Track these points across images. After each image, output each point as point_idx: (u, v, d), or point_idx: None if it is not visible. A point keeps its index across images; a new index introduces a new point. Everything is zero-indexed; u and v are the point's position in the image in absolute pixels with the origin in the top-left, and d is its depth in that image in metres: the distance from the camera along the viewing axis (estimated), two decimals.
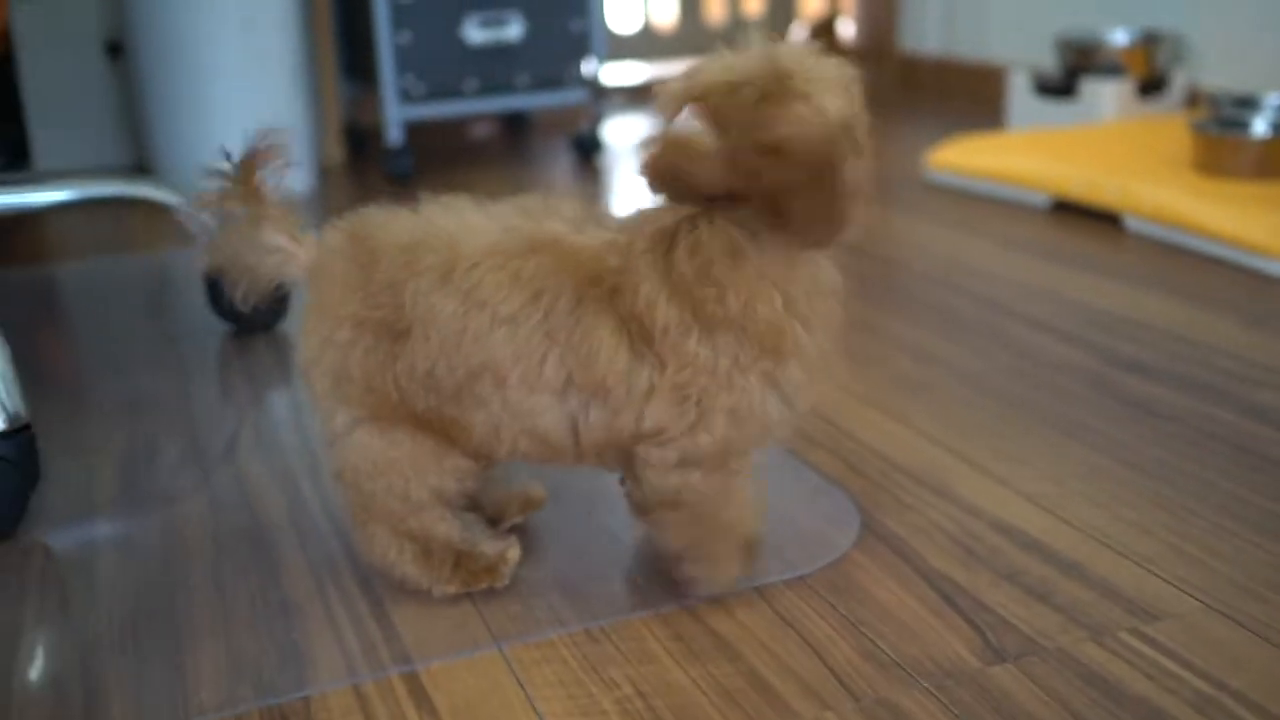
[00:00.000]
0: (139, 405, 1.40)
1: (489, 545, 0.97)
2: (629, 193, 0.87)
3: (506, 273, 0.85)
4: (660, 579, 0.98)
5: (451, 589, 0.95)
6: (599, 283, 0.84)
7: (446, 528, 0.95)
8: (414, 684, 0.86)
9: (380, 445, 0.91)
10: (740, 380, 0.84)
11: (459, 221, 0.89)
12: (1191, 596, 0.93)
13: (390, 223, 0.91)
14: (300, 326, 0.95)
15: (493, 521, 1.05)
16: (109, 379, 1.49)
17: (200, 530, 1.10)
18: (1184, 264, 1.78)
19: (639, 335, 0.84)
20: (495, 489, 1.06)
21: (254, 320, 1.62)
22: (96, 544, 1.08)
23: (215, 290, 1.63)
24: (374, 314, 0.88)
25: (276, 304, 1.63)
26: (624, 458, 0.90)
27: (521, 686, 0.85)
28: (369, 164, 2.71)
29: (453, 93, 2.55)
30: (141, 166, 2.57)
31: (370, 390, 0.90)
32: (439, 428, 0.90)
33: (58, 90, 2.64)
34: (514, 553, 0.97)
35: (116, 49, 2.64)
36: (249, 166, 0.93)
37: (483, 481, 0.99)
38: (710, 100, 0.80)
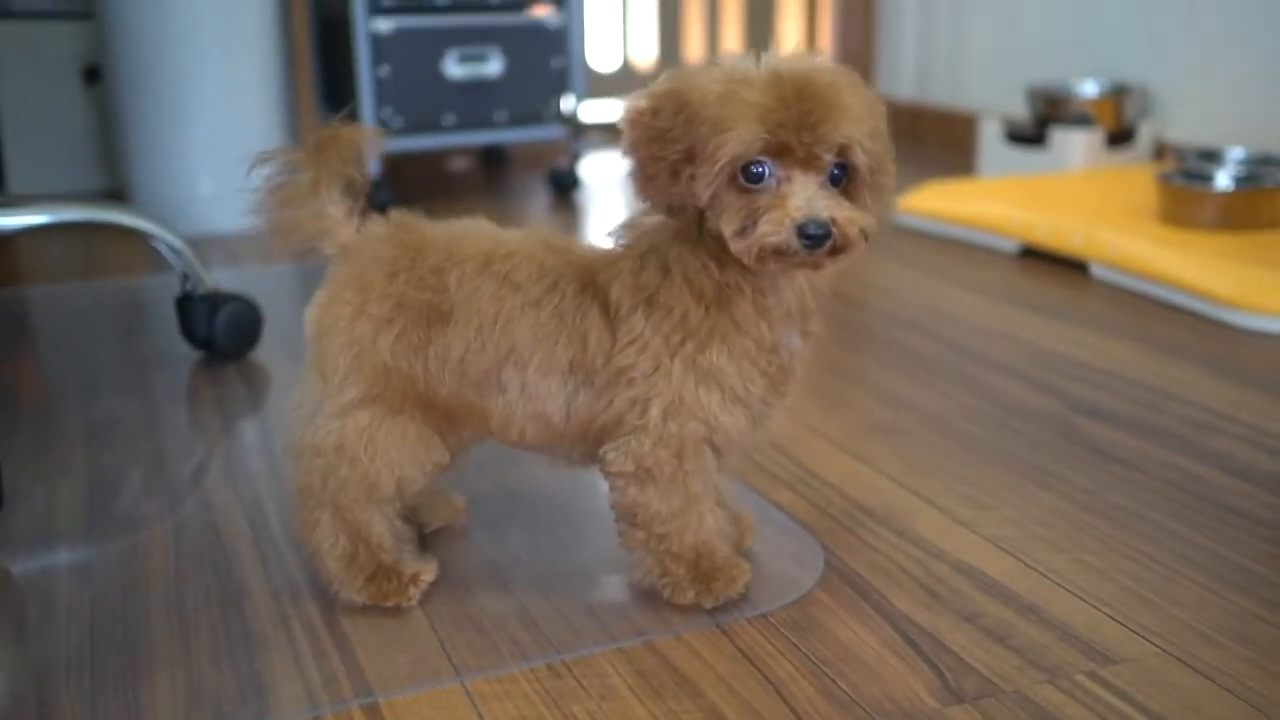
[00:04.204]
0: (106, 431, 1.39)
1: (408, 565, 1.01)
2: (605, 230, 0.89)
3: (535, 262, 0.95)
4: (623, 613, 0.98)
5: (359, 599, 0.99)
6: (595, 279, 0.95)
7: (381, 531, 0.99)
8: (375, 717, 0.86)
9: (383, 427, 0.96)
10: (668, 365, 0.91)
11: (486, 226, 1.00)
12: (1148, 641, 0.94)
13: (429, 222, 1.00)
14: (324, 298, 0.98)
15: (419, 526, 1.11)
16: (77, 404, 1.48)
17: (163, 558, 1.09)
18: (1147, 312, 1.81)
19: (615, 321, 0.93)
20: (423, 496, 1.08)
21: (225, 348, 1.62)
22: (57, 570, 1.08)
23: (187, 317, 1.63)
24: (420, 295, 0.94)
25: (248, 332, 1.63)
26: (596, 448, 0.97)
27: None
28: None
29: (431, 126, 2.56)
30: (116, 192, 2.57)
31: (393, 371, 0.95)
32: (452, 415, 0.97)
33: (34, 114, 2.64)
34: (428, 575, 1.01)
35: (94, 74, 2.64)
36: (327, 138, 0.96)
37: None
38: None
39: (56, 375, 1.60)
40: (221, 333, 1.61)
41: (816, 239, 0.85)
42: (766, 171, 0.86)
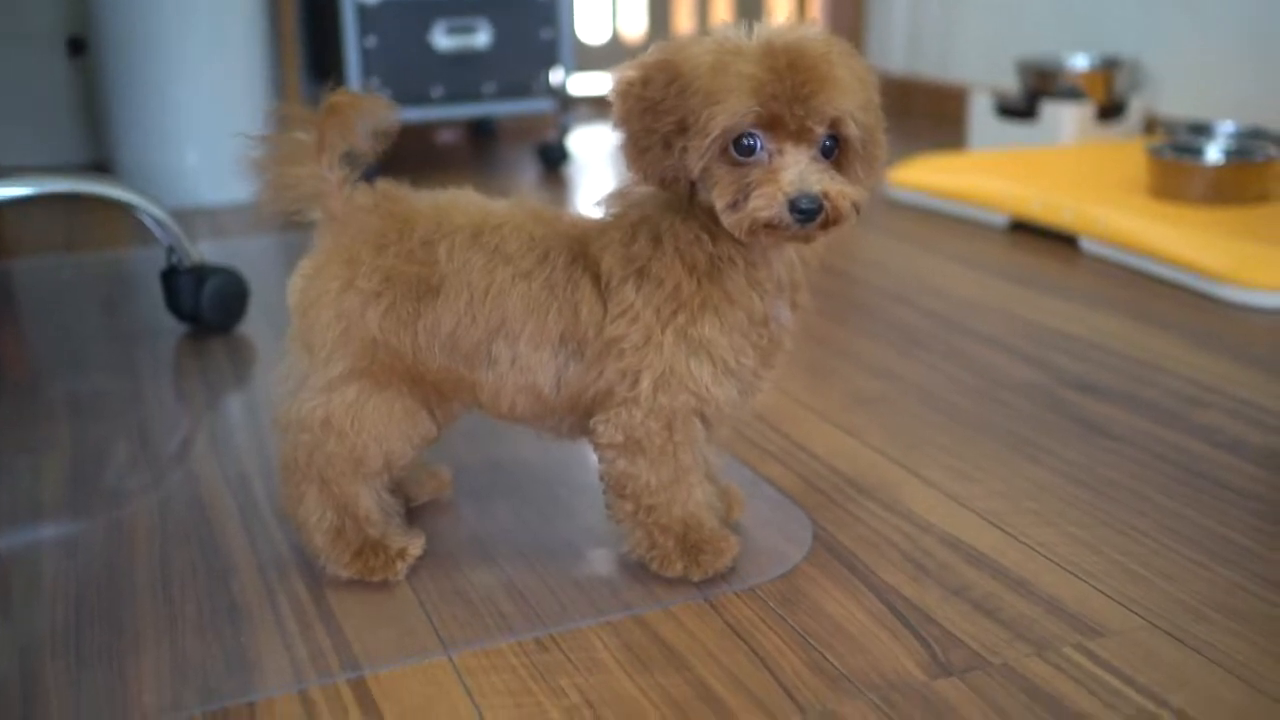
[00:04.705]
0: (91, 405, 1.38)
1: (394, 539, 1.00)
2: (594, 202, 0.89)
3: (524, 233, 0.95)
4: (610, 587, 0.98)
5: (345, 574, 0.99)
6: (586, 250, 0.94)
7: (369, 505, 0.99)
8: (361, 691, 0.85)
9: (370, 401, 0.95)
10: (659, 337, 0.91)
11: (474, 196, 0.99)
12: (1135, 614, 0.94)
13: (416, 194, 0.98)
14: (310, 269, 0.96)
15: (405, 500, 1.10)
16: (61, 377, 1.47)
17: (149, 532, 1.09)
18: (1136, 285, 1.81)
19: (606, 292, 0.93)
20: (409, 469, 1.08)
21: (211, 321, 1.61)
22: (42, 544, 1.07)
23: (172, 290, 1.62)
24: (409, 268, 0.93)
25: (234, 305, 1.62)
26: (586, 420, 0.97)
27: (469, 694, 0.85)
28: None
29: (419, 98, 2.54)
30: (101, 164, 2.55)
31: (381, 346, 0.94)
32: (441, 388, 0.96)
33: (18, 85, 2.61)
34: (415, 550, 1.01)
35: (79, 45, 2.61)
36: (336, 104, 0.95)
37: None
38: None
39: (40, 348, 1.59)
40: (207, 305, 1.60)
41: (808, 213, 0.84)
42: (758, 144, 0.85)
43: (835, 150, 0.87)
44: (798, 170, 0.85)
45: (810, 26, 0.88)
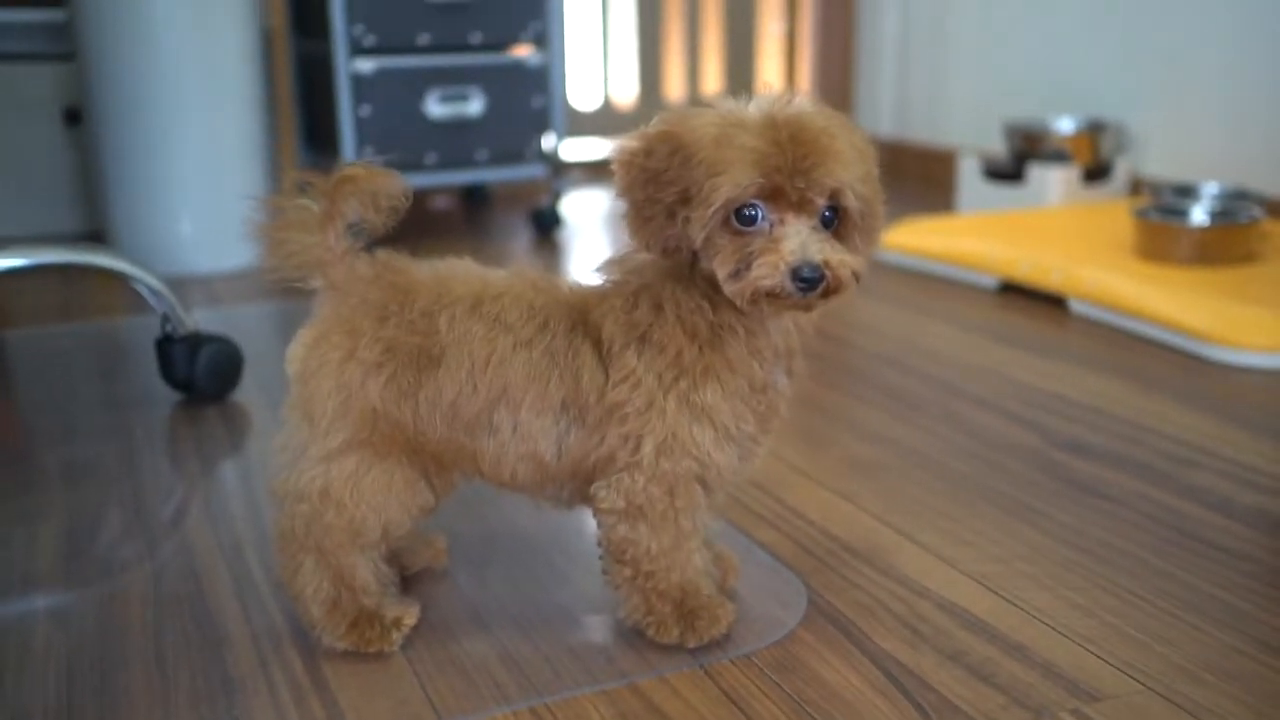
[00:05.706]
0: (85, 473, 1.38)
1: (389, 609, 1.00)
2: (586, 268, 0.90)
3: (524, 303, 0.96)
4: (605, 654, 0.98)
5: (341, 645, 0.98)
6: (586, 317, 0.95)
7: (365, 576, 0.99)
8: None
9: (369, 472, 0.95)
10: (661, 402, 0.92)
11: (473, 266, 1.00)
12: (1132, 678, 0.94)
13: (415, 263, 1.00)
14: (310, 338, 0.97)
15: (400, 569, 1.10)
16: (56, 446, 1.47)
17: (142, 602, 1.08)
18: (1124, 346, 1.83)
19: (607, 358, 0.94)
20: (405, 538, 1.07)
21: (205, 389, 1.61)
22: (35, 615, 1.06)
23: (167, 358, 1.63)
24: (410, 339, 0.94)
25: (229, 373, 1.63)
26: (586, 487, 0.97)
27: None
28: None
29: (413, 165, 2.57)
30: (97, 234, 2.56)
31: (382, 416, 0.94)
32: (441, 458, 0.97)
33: (14, 155, 2.63)
34: (410, 619, 1.01)
35: (75, 116, 2.64)
36: (350, 175, 0.95)
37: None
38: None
39: (35, 417, 1.59)
40: (201, 374, 1.61)
41: (810, 282, 0.85)
42: (759, 214, 0.87)
43: (835, 221, 0.89)
44: (799, 240, 0.86)
45: (810, 100, 0.90)
